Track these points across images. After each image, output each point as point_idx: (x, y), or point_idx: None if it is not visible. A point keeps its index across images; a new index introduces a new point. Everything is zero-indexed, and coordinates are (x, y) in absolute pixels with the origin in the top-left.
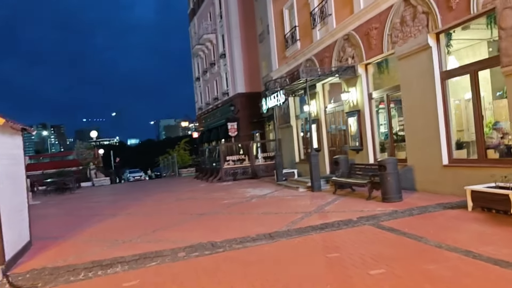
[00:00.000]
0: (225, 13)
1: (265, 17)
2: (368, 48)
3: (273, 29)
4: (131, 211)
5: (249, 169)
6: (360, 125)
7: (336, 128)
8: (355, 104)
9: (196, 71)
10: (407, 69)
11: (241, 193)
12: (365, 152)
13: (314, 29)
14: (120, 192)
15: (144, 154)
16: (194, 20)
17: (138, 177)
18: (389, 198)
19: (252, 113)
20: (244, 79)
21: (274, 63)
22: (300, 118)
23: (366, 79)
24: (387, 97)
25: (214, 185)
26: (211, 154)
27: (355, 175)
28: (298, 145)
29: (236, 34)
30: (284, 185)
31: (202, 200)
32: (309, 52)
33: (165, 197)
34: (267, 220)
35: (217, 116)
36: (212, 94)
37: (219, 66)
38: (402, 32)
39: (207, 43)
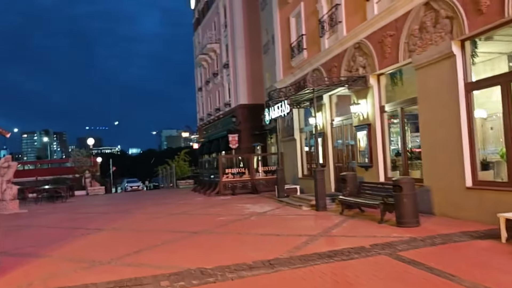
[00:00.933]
0: (230, 22)
1: (270, 27)
2: (381, 57)
3: (279, 38)
4: (118, 225)
5: (249, 183)
6: (370, 140)
7: (343, 143)
8: (365, 117)
9: (198, 81)
10: (426, 79)
11: (239, 209)
12: (375, 169)
13: (322, 38)
14: (113, 202)
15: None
16: (199, 30)
17: (135, 187)
18: (405, 222)
19: (254, 125)
20: (247, 90)
21: (278, 74)
22: (304, 132)
23: (378, 91)
24: (401, 110)
25: (211, 199)
26: (210, 166)
27: (364, 194)
28: (301, 159)
29: (241, 44)
30: (286, 202)
31: (197, 216)
32: (316, 62)
33: (158, 210)
34: (267, 243)
35: (218, 128)
36: (214, 105)
37: (222, 76)
38: (421, 39)
39: (211, 52)
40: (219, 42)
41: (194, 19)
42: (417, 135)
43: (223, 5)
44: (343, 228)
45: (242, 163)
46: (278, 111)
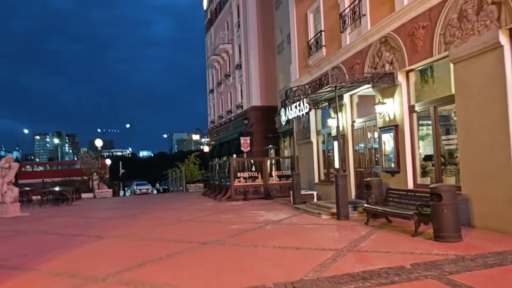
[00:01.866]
0: (243, 22)
1: (285, 27)
2: (412, 51)
3: (295, 35)
4: (122, 232)
5: (262, 188)
6: (398, 143)
7: (365, 146)
8: (392, 118)
9: (210, 83)
10: (466, 75)
11: (252, 216)
12: (403, 175)
13: (343, 33)
14: (119, 206)
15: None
16: (211, 30)
17: (145, 190)
18: (445, 236)
19: (267, 128)
20: (259, 92)
21: (294, 73)
22: (321, 134)
23: (407, 89)
24: (434, 110)
25: (222, 204)
26: (221, 170)
27: (392, 203)
28: (318, 163)
29: (254, 44)
30: (302, 209)
31: (206, 224)
32: (336, 59)
33: (166, 216)
34: (287, 258)
35: (230, 130)
36: (226, 107)
37: (234, 78)
38: (460, 29)
39: (223, 53)
40: (231, 42)
41: (207, 20)
42: (448, 138)
43: (236, 5)
44: (373, 242)
45: (254, 167)
46: (296, 110)
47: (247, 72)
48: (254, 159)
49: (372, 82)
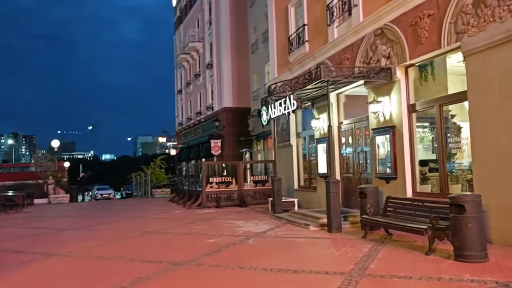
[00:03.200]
0: (215, 19)
1: (260, 25)
2: (414, 43)
3: (274, 31)
4: (75, 248)
5: (236, 195)
6: (395, 146)
7: (354, 150)
8: (388, 118)
9: (178, 83)
10: (482, 67)
11: (230, 227)
12: (401, 182)
13: (330, 26)
14: (76, 214)
15: (118, 170)
16: (180, 28)
17: (106, 194)
18: (469, 256)
19: (239, 131)
20: (232, 93)
21: (272, 71)
22: (301, 137)
23: (406, 86)
24: (440, 109)
25: (193, 212)
26: (191, 174)
27: (394, 213)
28: (298, 168)
29: (226, 42)
30: (285, 219)
31: (178, 236)
32: (321, 55)
33: (129, 226)
34: (286, 287)
35: (199, 133)
36: (195, 108)
37: (204, 78)
38: (476, 16)
39: (193, 52)
40: (202, 40)
41: (176, 18)
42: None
43: (208, 2)
44: (383, 262)
45: (226, 172)
46: (281, 108)
47: (219, 72)
48: (228, 163)
49: (368, 77)
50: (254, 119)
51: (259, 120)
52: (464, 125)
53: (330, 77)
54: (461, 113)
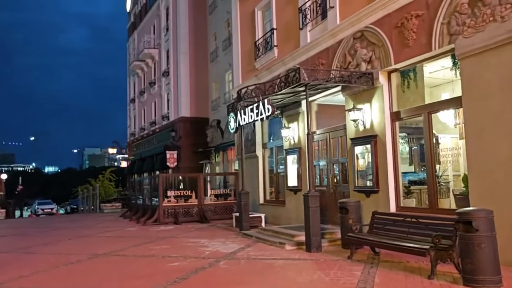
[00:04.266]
0: (173, 25)
1: (220, 32)
2: (400, 46)
3: (238, 36)
4: (6, 278)
5: (195, 210)
6: (376, 157)
7: (328, 161)
8: (369, 127)
9: (131, 92)
10: (479, 71)
11: (194, 247)
12: (383, 195)
13: (302, 30)
14: (12, 232)
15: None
16: (134, 34)
17: (48, 210)
18: (482, 281)
19: (197, 142)
20: (189, 102)
21: (236, 78)
22: (268, 147)
23: (389, 92)
24: (428, 116)
25: (149, 229)
26: (145, 187)
27: (382, 230)
28: (263, 181)
29: (185, 49)
30: (255, 237)
31: (135, 260)
32: (292, 60)
33: (76, 247)
34: None
35: (153, 144)
36: (149, 118)
37: (160, 86)
38: (473, 16)
39: (148, 59)
40: (158, 47)
41: (130, 24)
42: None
43: (165, 7)
44: None
45: (182, 185)
46: (252, 114)
47: (176, 80)
48: (187, 176)
49: (349, 82)
50: (213, 130)
51: (218, 130)
52: (441, 136)
53: (310, 80)
54: (436, 123)
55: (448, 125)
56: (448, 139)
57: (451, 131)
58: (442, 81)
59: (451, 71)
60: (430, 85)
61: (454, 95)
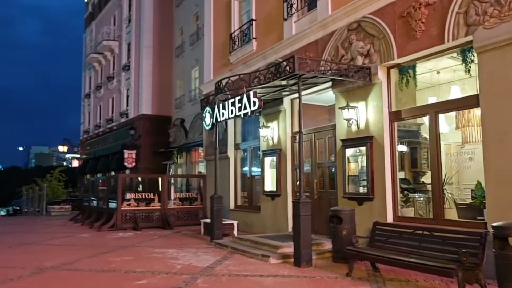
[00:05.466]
0: (136, 17)
1: (187, 26)
2: (405, 38)
3: (211, 28)
4: None
5: (157, 214)
6: (372, 161)
7: (312, 164)
8: (363, 127)
9: (86, 87)
10: (501, 67)
11: (161, 258)
12: (378, 203)
13: (287, 21)
14: None
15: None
16: (92, 26)
17: None
18: None
19: (158, 141)
20: (151, 99)
21: (207, 73)
22: (241, 148)
23: (388, 90)
24: (435, 116)
25: (105, 236)
26: (101, 188)
27: (387, 244)
28: (235, 185)
29: (148, 42)
30: (231, 247)
31: (92, 276)
32: (274, 54)
33: (17, 258)
34: None
35: (109, 142)
36: (106, 115)
37: (119, 81)
38: (497, 4)
39: (107, 51)
40: (118, 39)
41: (87, 14)
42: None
43: None
44: None
45: (141, 187)
46: (233, 109)
47: (137, 75)
48: (150, 177)
49: (347, 76)
50: (176, 129)
51: (181, 130)
52: None
53: (305, 71)
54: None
55: (447, 128)
56: (444, 144)
57: (449, 135)
58: (451, 78)
59: (463, 67)
60: (435, 83)
61: (466, 93)
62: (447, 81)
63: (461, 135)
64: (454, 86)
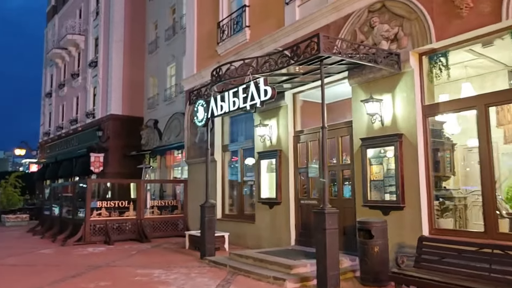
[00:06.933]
0: (105, 9)
1: (162, 20)
2: (446, 17)
3: (194, 16)
4: None
5: (132, 225)
6: (402, 162)
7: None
8: (390, 123)
9: (47, 85)
10: None
11: (147, 283)
12: (410, 213)
13: (289, 5)
14: None
15: None
16: (55, 19)
17: None
18: None
19: (128, 144)
20: (122, 98)
21: (190, 66)
22: (230, 150)
23: (419, 79)
24: (485, 110)
25: (72, 252)
26: (66, 196)
27: (441, 265)
28: (222, 191)
29: (118, 36)
30: (230, 266)
31: None
32: (273, 42)
33: None
34: None
35: (73, 145)
36: (69, 115)
37: (85, 78)
38: None
39: (71, 47)
40: (84, 34)
41: (49, 7)
42: None
43: None
44: None
45: (111, 193)
46: (236, 100)
47: (106, 72)
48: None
49: (376, 62)
50: (149, 131)
51: (155, 131)
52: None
53: (331, 53)
54: (452, 124)
55: None
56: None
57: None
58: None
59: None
60: (477, 72)
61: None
62: (494, 69)
63: (503, 133)
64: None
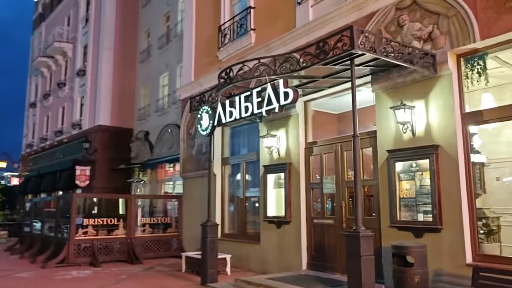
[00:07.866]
0: (95, 16)
1: (155, 28)
2: (493, 13)
3: (193, 20)
4: None
5: (121, 244)
6: (439, 179)
7: (340, 183)
8: (422, 133)
9: (32, 95)
10: None
11: None
12: (450, 236)
13: (301, 5)
14: None
15: None
16: (41, 27)
17: None
18: None
19: (117, 157)
20: (111, 108)
21: (188, 73)
22: (230, 163)
23: (459, 83)
24: None
25: (53, 276)
26: (48, 212)
27: None
28: (222, 208)
29: (108, 44)
30: None
31: None
32: (283, 46)
33: None
34: None
35: (58, 157)
36: (54, 126)
37: (72, 88)
38: None
39: (58, 55)
40: (73, 42)
41: (36, 15)
42: None
43: None
44: None
45: (97, 209)
46: (249, 105)
47: (94, 81)
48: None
49: (411, 63)
50: (139, 143)
51: (146, 144)
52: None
53: (365, 50)
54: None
55: None
56: None
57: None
58: None
59: None
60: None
61: None
62: None
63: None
64: None
